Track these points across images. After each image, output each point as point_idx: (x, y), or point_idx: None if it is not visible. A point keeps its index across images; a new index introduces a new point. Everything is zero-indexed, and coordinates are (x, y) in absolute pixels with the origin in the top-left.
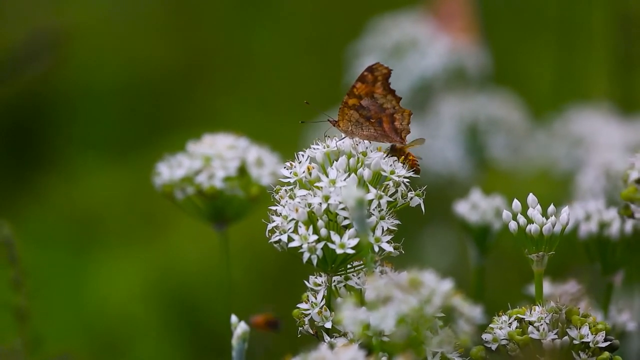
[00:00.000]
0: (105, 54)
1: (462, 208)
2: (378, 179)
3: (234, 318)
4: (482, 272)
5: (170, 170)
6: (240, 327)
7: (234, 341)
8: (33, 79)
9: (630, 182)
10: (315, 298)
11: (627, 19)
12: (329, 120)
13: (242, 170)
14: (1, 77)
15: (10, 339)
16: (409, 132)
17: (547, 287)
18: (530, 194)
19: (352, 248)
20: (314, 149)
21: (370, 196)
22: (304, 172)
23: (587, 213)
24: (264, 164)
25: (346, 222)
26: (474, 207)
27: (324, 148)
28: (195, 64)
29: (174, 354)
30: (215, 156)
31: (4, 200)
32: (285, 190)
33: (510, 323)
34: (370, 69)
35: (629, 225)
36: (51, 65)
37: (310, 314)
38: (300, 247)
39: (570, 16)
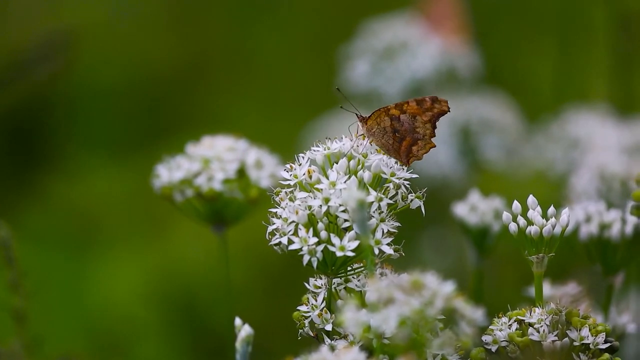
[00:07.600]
0: (107, 55)
1: (461, 210)
2: (378, 182)
3: (238, 321)
4: (481, 273)
5: (169, 172)
6: (244, 330)
7: (238, 344)
8: (39, 81)
9: None
10: (316, 300)
11: (627, 18)
12: (357, 114)
13: (241, 172)
14: (11, 79)
15: (10, 341)
16: (419, 159)
17: (547, 288)
18: (530, 196)
19: (352, 250)
20: (314, 151)
21: (370, 198)
22: (304, 174)
23: (587, 214)
24: (263, 166)
25: (346, 224)
26: (473, 208)
27: (324, 150)
28: (197, 64)
29: (174, 355)
30: (214, 158)
31: (4, 200)
32: (286, 192)
33: (510, 325)
34: (434, 99)
35: (629, 226)
36: (60, 67)
37: (310, 316)
38: (300, 249)
39: (570, 16)
